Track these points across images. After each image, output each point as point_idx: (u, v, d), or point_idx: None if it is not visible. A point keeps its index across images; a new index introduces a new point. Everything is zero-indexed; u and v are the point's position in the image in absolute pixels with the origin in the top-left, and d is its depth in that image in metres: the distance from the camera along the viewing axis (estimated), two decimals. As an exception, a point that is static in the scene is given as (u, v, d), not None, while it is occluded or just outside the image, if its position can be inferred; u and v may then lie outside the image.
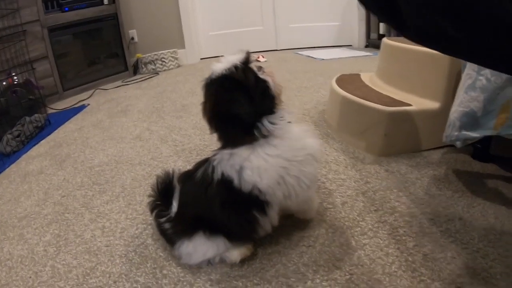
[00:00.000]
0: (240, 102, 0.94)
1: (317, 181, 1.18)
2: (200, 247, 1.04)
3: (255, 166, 0.95)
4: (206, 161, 1.06)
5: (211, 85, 0.98)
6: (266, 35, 4.14)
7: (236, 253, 1.06)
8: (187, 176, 1.12)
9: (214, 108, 0.97)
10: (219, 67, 0.96)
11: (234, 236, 1.04)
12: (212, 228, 1.03)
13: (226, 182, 0.97)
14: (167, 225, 1.11)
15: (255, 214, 0.99)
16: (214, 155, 1.02)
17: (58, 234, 1.34)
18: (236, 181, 0.96)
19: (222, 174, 0.98)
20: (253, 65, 0.99)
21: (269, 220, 1.03)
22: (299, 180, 0.98)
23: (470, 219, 1.14)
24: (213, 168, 1.00)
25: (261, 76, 0.98)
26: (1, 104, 2.49)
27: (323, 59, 3.44)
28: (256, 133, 0.95)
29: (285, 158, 0.96)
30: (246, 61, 0.97)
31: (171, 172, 1.20)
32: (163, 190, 1.18)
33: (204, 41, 4.06)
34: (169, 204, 1.11)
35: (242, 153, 0.96)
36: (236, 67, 0.95)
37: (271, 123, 0.97)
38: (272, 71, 1.03)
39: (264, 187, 0.95)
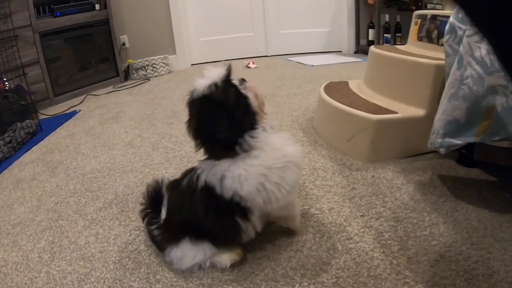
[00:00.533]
0: (220, 124, 0.98)
1: (298, 186, 1.20)
2: (188, 252, 1.09)
3: (236, 175, 0.99)
4: (192, 170, 1.10)
5: (193, 104, 1.01)
6: (257, 41, 4.18)
7: (225, 258, 1.11)
8: (175, 185, 1.17)
9: (196, 127, 1.01)
10: (201, 84, 0.98)
11: (219, 241, 1.08)
12: (197, 234, 1.07)
13: (209, 189, 1.02)
14: (156, 232, 1.15)
15: (237, 220, 1.04)
16: (199, 164, 1.07)
17: (52, 240, 1.36)
18: (218, 189, 1.01)
19: (205, 182, 1.03)
20: (235, 79, 1.03)
21: (252, 226, 1.07)
22: (279, 186, 1.02)
23: (453, 223, 1.19)
24: (198, 176, 1.05)
25: (243, 91, 1.01)
26: (-8, 110, 2.49)
27: (312, 65, 3.48)
28: (237, 149, 1.00)
29: (265, 166, 1.00)
30: (227, 78, 1.00)
31: (160, 180, 1.24)
32: (153, 198, 1.21)
33: (195, 47, 4.09)
34: (159, 211, 1.15)
35: (224, 164, 1.01)
36: (216, 86, 0.97)
37: (252, 137, 1.01)
38: (255, 84, 1.05)
39: (244, 194, 1.00)
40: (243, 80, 1.04)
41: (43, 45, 3.03)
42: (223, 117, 0.98)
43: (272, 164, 1.01)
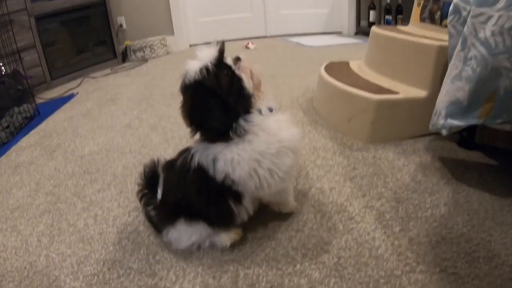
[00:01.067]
0: (213, 112, 0.96)
1: (294, 173, 1.19)
2: (184, 233, 1.08)
3: (228, 159, 0.97)
4: (187, 150, 1.09)
5: (185, 90, 0.98)
6: (256, 21, 4.11)
7: (225, 238, 1.10)
8: (170, 165, 1.15)
9: (190, 114, 0.99)
10: (192, 68, 0.95)
11: (213, 222, 1.07)
12: (192, 214, 1.06)
13: (202, 171, 1.00)
14: (153, 213, 1.15)
15: (229, 203, 1.03)
16: (194, 144, 1.05)
17: (51, 224, 1.35)
18: (210, 170, 0.99)
19: (198, 163, 1.01)
20: (229, 59, 0.99)
21: (244, 209, 1.06)
22: (272, 172, 1.00)
23: (455, 205, 1.18)
24: (191, 156, 1.03)
25: (237, 72, 0.98)
26: (-11, 95, 2.46)
27: (312, 46, 3.44)
28: (231, 134, 0.98)
29: (258, 152, 0.98)
30: (219, 60, 0.96)
31: (156, 160, 1.23)
32: (150, 178, 1.20)
33: (193, 28, 4.03)
34: (156, 192, 1.14)
35: (217, 147, 0.99)
36: (208, 70, 0.93)
37: (247, 121, 0.98)
38: (249, 64, 1.02)
39: (236, 178, 0.98)
40: (237, 59, 1.00)
41: (39, 29, 2.98)
42: (215, 104, 0.95)
43: (265, 149, 0.98)
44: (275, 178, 1.01)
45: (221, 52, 0.96)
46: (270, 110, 1.04)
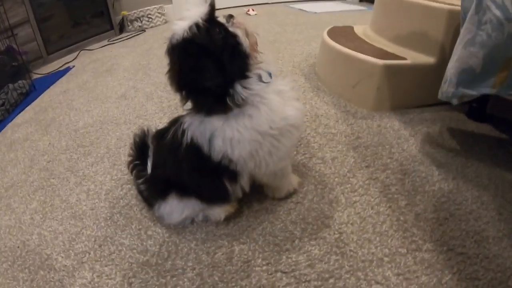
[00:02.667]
0: (206, 70, 0.84)
1: (293, 152, 1.10)
2: (175, 207, 1.02)
3: (227, 137, 0.89)
4: (177, 121, 0.99)
5: (173, 51, 0.86)
6: (257, -13, 3.96)
7: (220, 211, 1.04)
8: (160, 135, 1.06)
9: (179, 77, 0.88)
10: (180, 26, 0.84)
11: (205, 200, 1.01)
12: (183, 190, 1.00)
13: (195, 148, 0.92)
14: (143, 187, 1.09)
15: (224, 182, 0.95)
16: (186, 115, 0.96)
17: (44, 200, 1.31)
18: (205, 149, 0.90)
19: (192, 139, 0.92)
20: (221, 17, 0.88)
21: (240, 187, 0.99)
22: (271, 153, 0.92)
23: (463, 180, 1.11)
24: (183, 131, 0.94)
25: (230, 29, 0.87)
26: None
27: (315, 13, 3.32)
28: (229, 101, 0.86)
29: (259, 132, 0.89)
30: (210, 16, 0.85)
31: (146, 130, 1.16)
32: (140, 149, 1.14)
33: (192, -4, 3.89)
34: (147, 163, 1.08)
35: (214, 122, 0.90)
36: (198, 26, 0.82)
37: (245, 88, 0.87)
38: (244, 21, 0.91)
39: (235, 158, 0.90)
40: (230, 17, 0.89)
41: (33, 4, 2.88)
42: (208, 62, 0.84)
43: (267, 129, 0.89)
44: (274, 158, 0.93)
45: (212, 7, 0.85)
46: (269, 75, 0.94)
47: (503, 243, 0.90)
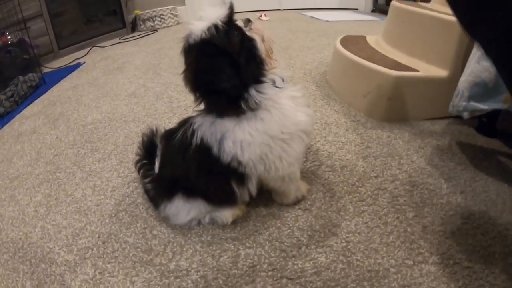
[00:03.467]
0: (223, 73, 0.84)
1: (302, 158, 1.09)
2: (181, 208, 1.02)
3: (238, 139, 0.88)
4: (187, 122, 0.99)
5: (189, 51, 0.86)
6: (270, -7, 3.98)
7: (227, 214, 1.03)
8: (169, 135, 1.06)
9: (195, 78, 0.87)
10: (198, 27, 0.83)
11: (212, 202, 1.00)
12: (190, 191, 0.99)
13: (204, 149, 0.91)
14: (149, 186, 1.08)
15: (232, 185, 0.95)
16: (197, 116, 0.95)
17: (49, 194, 1.31)
18: (215, 150, 0.90)
19: (202, 140, 0.92)
20: (239, 20, 0.88)
21: (248, 191, 0.98)
22: (281, 157, 0.92)
23: (472, 194, 1.10)
24: (193, 131, 0.93)
25: (248, 33, 0.87)
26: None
27: (327, 21, 3.31)
28: (242, 104, 0.86)
29: (270, 135, 0.89)
30: (229, 18, 0.84)
31: (154, 129, 1.15)
32: (148, 148, 1.13)
33: (205, -1, 3.91)
34: (154, 163, 1.07)
35: (225, 123, 0.89)
36: (217, 28, 0.82)
37: (259, 92, 0.87)
38: (261, 26, 0.91)
39: (245, 160, 0.90)
40: (248, 21, 0.89)
41: (47, -1, 2.90)
42: (225, 64, 0.84)
43: (278, 134, 0.89)
44: (284, 163, 0.93)
45: (231, 10, 0.85)
46: (282, 80, 0.94)
47: (509, 259, 0.89)
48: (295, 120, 0.91)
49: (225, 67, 0.84)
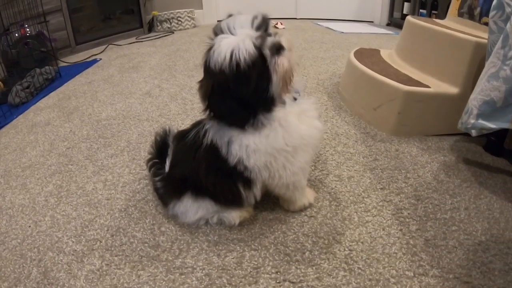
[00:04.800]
0: (233, 109, 0.86)
1: (308, 168, 1.10)
2: (190, 207, 1.04)
3: (244, 144, 0.90)
4: (201, 123, 1.01)
5: (209, 74, 0.85)
6: (286, 1, 4.01)
7: (234, 215, 1.05)
8: (181, 136, 1.09)
9: (208, 100, 0.89)
10: (226, 45, 0.80)
11: (219, 202, 1.02)
12: (199, 190, 1.01)
13: (214, 149, 0.94)
14: (159, 184, 1.10)
15: (238, 187, 0.97)
16: (209, 119, 0.97)
17: (60, 185, 1.34)
18: (223, 151, 0.92)
19: (212, 141, 0.94)
20: (269, 43, 0.83)
21: (253, 194, 1.00)
22: (285, 167, 0.94)
23: (475, 211, 1.11)
24: (205, 131, 0.96)
25: (270, 70, 0.84)
26: (12, 55, 2.47)
27: (342, 32, 3.33)
28: (247, 126, 0.90)
29: (275, 148, 0.91)
30: (260, 45, 0.81)
31: (167, 129, 1.18)
32: (160, 148, 1.16)
33: (222, 3, 3.95)
34: (165, 162, 1.09)
35: (232, 130, 0.92)
36: (238, 64, 0.79)
37: (266, 118, 0.90)
38: (290, 56, 0.87)
39: (250, 166, 0.92)
40: (278, 49, 0.84)
41: (66, -6, 2.96)
42: (236, 103, 0.86)
43: (283, 146, 0.91)
44: (287, 172, 0.95)
45: (266, 29, 0.84)
46: (297, 93, 0.96)
47: (508, 277, 0.89)
48: (300, 134, 0.93)
49: (236, 106, 0.86)
